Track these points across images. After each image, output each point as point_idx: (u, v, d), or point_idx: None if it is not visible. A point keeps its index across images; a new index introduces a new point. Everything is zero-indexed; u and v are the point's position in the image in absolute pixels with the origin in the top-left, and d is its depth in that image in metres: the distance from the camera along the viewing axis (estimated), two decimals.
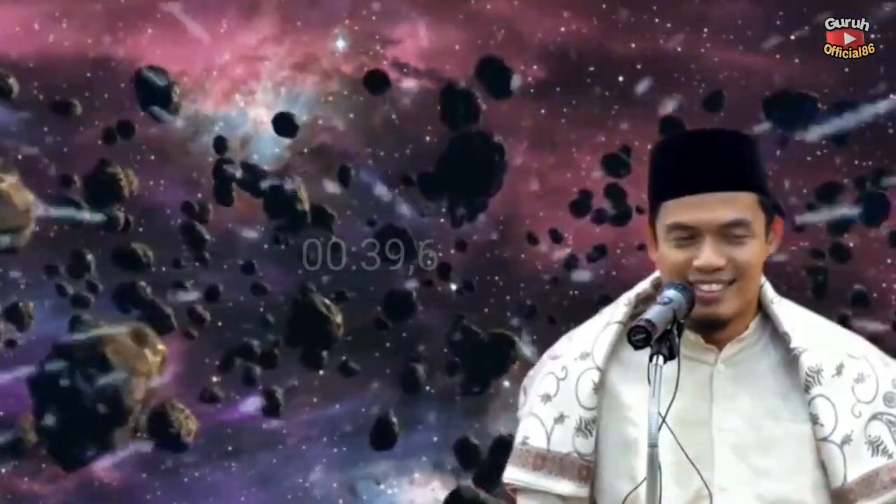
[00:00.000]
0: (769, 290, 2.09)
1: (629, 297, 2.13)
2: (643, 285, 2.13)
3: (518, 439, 2.14)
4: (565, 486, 2.06)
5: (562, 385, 2.09)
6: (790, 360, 2.03)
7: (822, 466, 1.98)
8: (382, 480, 9.47)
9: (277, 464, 9.41)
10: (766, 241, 2.02)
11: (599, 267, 9.35)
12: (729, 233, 1.97)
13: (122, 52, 9.13)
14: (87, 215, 9.15)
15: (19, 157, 9.02)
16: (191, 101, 9.29)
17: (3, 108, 8.92)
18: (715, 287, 1.97)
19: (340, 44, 9.32)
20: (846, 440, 1.97)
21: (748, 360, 2.05)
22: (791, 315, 2.07)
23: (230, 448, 9.38)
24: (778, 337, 2.05)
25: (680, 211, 1.99)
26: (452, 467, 9.47)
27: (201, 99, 9.32)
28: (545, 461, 2.07)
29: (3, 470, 9.08)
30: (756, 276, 2.02)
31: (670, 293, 1.93)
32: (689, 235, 1.98)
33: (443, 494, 9.47)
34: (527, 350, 9.08)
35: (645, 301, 2.12)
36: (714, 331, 2.01)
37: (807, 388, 1.99)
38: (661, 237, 2.02)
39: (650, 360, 1.86)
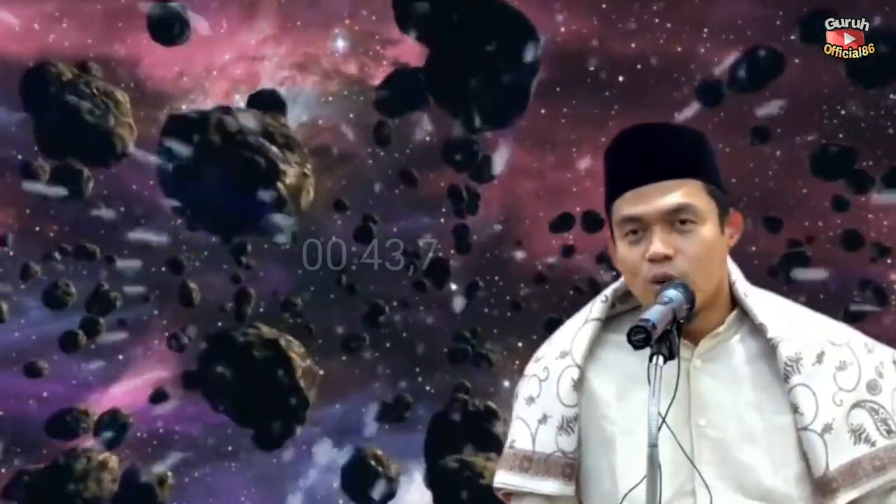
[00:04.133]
0: (743, 284, 2.08)
1: (606, 294, 2.14)
2: (620, 282, 2.14)
3: (507, 444, 2.16)
4: (550, 486, 2.06)
5: (544, 386, 2.10)
6: (769, 350, 2.01)
7: (806, 457, 1.97)
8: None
9: (277, 464, 9.42)
10: (722, 233, 2.03)
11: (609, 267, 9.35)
12: (675, 219, 1.97)
13: (122, 52, 9.14)
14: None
15: (19, 157, 9.03)
16: (191, 101, 9.31)
17: (3, 108, 8.92)
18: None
19: (340, 44, 9.33)
20: (827, 429, 1.96)
21: (725, 355, 2.04)
22: (767, 306, 2.06)
23: (230, 448, 9.39)
24: (756, 330, 2.04)
25: (626, 205, 2.00)
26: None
27: (201, 99, 9.33)
28: (531, 463, 2.09)
29: (3, 470, 9.08)
30: (714, 267, 2.01)
31: (670, 293, 1.93)
32: (639, 229, 1.99)
33: None
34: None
35: (622, 298, 2.13)
36: (682, 323, 2.01)
37: (786, 378, 1.99)
38: (617, 238, 2.04)
39: (650, 359, 1.86)
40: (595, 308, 2.13)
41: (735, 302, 2.08)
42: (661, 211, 1.98)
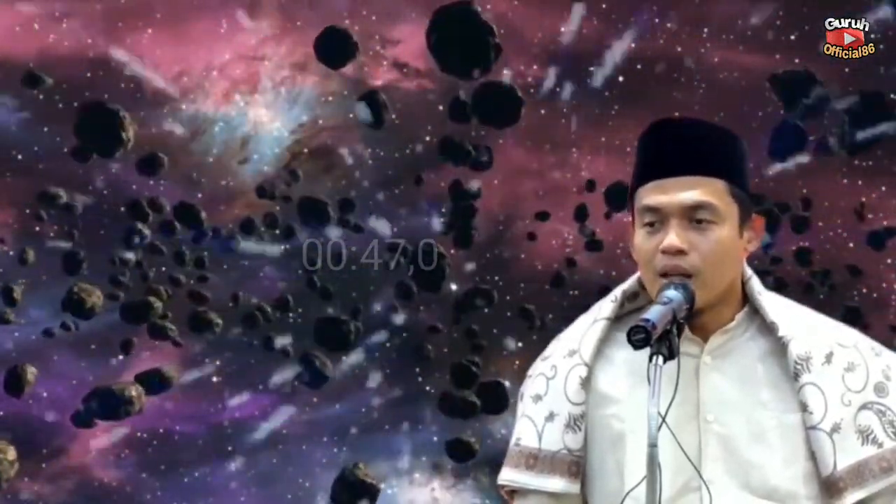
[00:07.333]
0: (756, 284, 2.09)
1: (615, 293, 2.14)
2: (630, 282, 2.14)
3: (512, 441, 2.16)
4: (556, 483, 2.07)
5: (551, 384, 2.11)
6: (779, 349, 2.02)
7: (813, 456, 1.98)
8: (382, 480, 9.47)
9: (277, 464, 9.42)
10: (740, 236, 2.03)
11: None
12: (694, 217, 1.98)
13: (122, 52, 9.14)
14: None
15: (19, 157, 9.03)
16: (191, 101, 9.30)
17: (2, 108, 8.92)
18: (678, 280, 1.97)
19: None
20: (835, 428, 1.97)
21: (735, 352, 2.05)
22: (779, 306, 2.07)
23: (230, 448, 9.39)
24: (766, 328, 2.05)
25: (648, 195, 2.01)
26: (452, 467, 9.48)
27: (201, 99, 9.32)
28: (537, 460, 2.09)
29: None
30: (727, 268, 2.01)
31: (670, 293, 1.94)
32: (658, 220, 1.99)
33: (442, 494, 9.49)
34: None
35: (631, 298, 2.13)
36: (682, 323, 2.00)
37: (796, 377, 1.99)
38: (637, 226, 2.05)
39: (650, 359, 1.86)
40: (604, 307, 2.14)
41: (745, 300, 2.09)
42: (680, 205, 1.99)
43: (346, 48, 8.92)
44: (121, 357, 9.36)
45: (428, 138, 9.35)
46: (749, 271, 2.09)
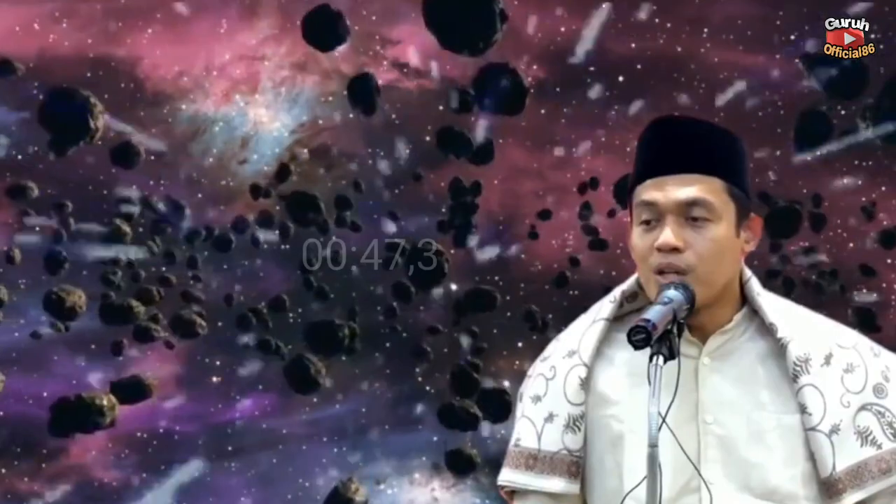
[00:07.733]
0: (755, 284, 2.08)
1: (615, 294, 2.13)
2: (629, 283, 2.13)
3: (511, 442, 2.15)
4: (556, 484, 2.06)
5: (550, 385, 2.10)
6: (778, 350, 2.02)
7: (812, 457, 1.98)
8: (382, 480, 9.47)
9: (277, 464, 9.42)
10: (738, 235, 2.02)
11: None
12: (689, 214, 1.97)
13: (122, 52, 9.14)
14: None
15: (19, 157, 9.02)
16: (191, 101, 9.30)
17: (3, 108, 8.92)
18: (674, 277, 1.96)
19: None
20: (834, 430, 1.97)
21: (734, 353, 2.04)
22: (778, 307, 2.06)
23: (230, 448, 9.39)
24: (765, 329, 2.04)
25: (645, 191, 2.00)
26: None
27: (201, 99, 9.32)
28: (536, 461, 2.09)
29: (3, 470, 9.09)
30: (723, 267, 2.00)
31: (670, 293, 1.93)
32: (654, 218, 1.99)
33: (442, 494, 9.49)
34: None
35: (630, 299, 2.13)
36: (682, 324, 1.99)
37: (795, 378, 1.99)
38: (634, 224, 2.04)
39: (650, 360, 1.86)
40: (603, 308, 2.13)
41: (744, 301, 2.08)
42: (676, 202, 1.98)
43: (336, 30, 8.83)
44: (119, 358, 9.35)
45: (428, 138, 9.35)
46: (748, 272, 2.08)
